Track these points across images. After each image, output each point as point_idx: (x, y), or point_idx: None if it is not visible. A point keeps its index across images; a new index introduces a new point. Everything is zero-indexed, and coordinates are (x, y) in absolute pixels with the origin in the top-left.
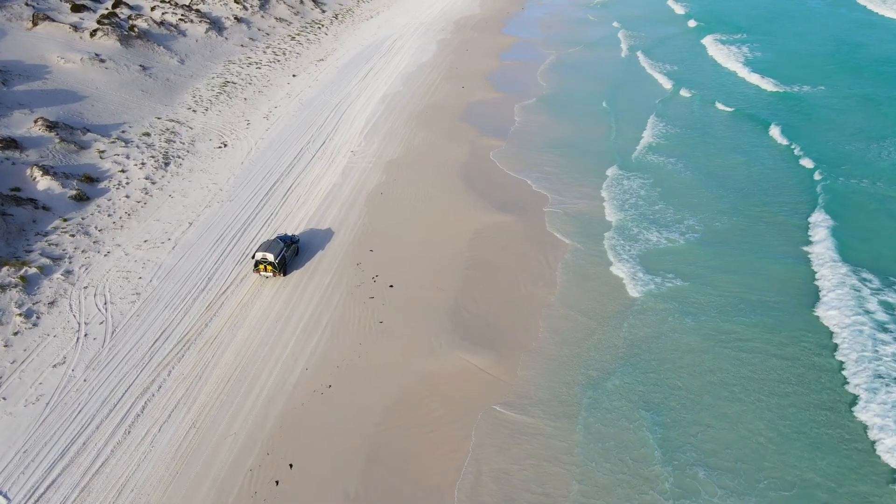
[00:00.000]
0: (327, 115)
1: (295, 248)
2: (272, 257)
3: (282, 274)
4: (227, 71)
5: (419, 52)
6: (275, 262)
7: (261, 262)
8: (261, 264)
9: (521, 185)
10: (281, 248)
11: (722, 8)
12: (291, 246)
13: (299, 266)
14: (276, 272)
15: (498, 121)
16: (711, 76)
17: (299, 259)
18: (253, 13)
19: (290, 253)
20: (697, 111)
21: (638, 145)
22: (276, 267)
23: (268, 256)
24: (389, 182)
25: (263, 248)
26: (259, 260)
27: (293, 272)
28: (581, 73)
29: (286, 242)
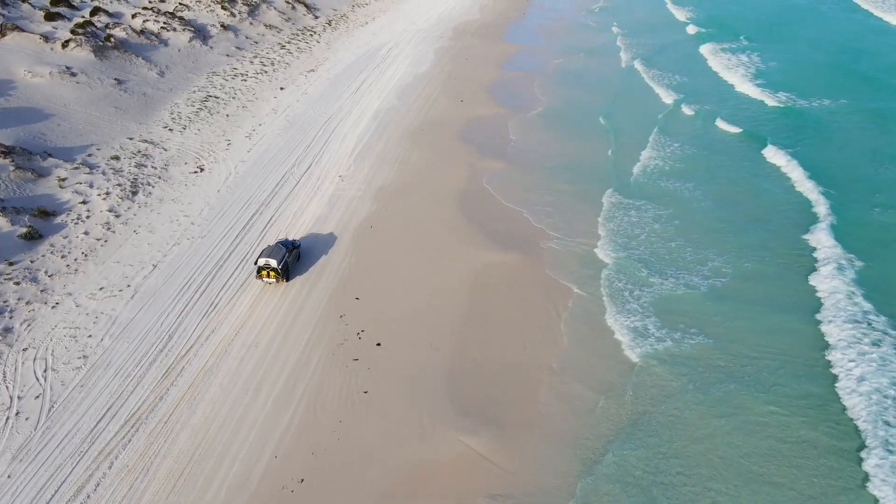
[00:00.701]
0: (315, 133)
1: (297, 254)
2: (275, 263)
3: (285, 280)
4: (209, 84)
5: (416, 61)
6: (278, 267)
7: (264, 269)
8: (263, 270)
9: (519, 218)
10: (283, 253)
11: (722, 13)
12: (293, 251)
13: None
14: (280, 278)
15: (498, 139)
16: (713, 89)
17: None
18: (241, 20)
19: (293, 258)
20: (699, 130)
21: (638, 169)
22: (279, 273)
23: (271, 262)
24: (380, 213)
25: (266, 253)
26: (262, 266)
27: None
28: (581, 86)
29: (288, 248)
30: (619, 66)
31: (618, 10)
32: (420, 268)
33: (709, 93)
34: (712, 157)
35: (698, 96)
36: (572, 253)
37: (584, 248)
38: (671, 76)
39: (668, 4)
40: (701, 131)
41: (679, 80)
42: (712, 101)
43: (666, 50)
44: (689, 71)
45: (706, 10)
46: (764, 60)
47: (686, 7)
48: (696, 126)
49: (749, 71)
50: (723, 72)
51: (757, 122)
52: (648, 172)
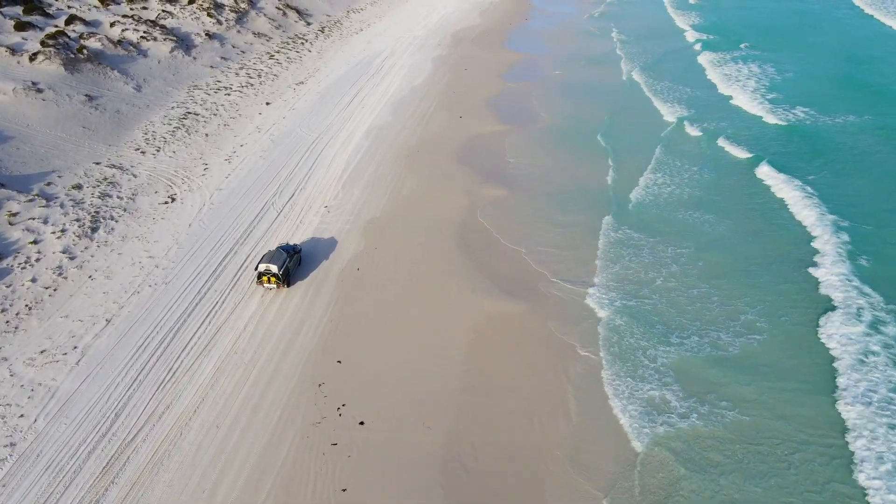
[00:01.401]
0: (301, 155)
1: (298, 259)
2: (276, 268)
3: (285, 285)
4: (190, 98)
5: (412, 71)
6: (279, 273)
7: (264, 274)
8: (264, 276)
9: (519, 259)
10: (284, 258)
11: (723, 18)
12: (294, 256)
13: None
14: (280, 284)
15: (498, 161)
16: (715, 105)
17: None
18: (228, 28)
19: (294, 263)
20: (703, 154)
21: (642, 198)
22: (279, 279)
23: (271, 268)
24: (369, 252)
25: (266, 259)
26: (262, 272)
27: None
28: (582, 100)
29: (289, 253)
30: (621, 78)
31: (619, 15)
32: (412, 321)
33: (711, 109)
34: (720, 184)
35: (700, 113)
36: (577, 302)
37: (589, 295)
38: (672, 90)
39: (667, 8)
40: (705, 155)
41: (680, 94)
42: (715, 119)
43: (666, 59)
44: (689, 83)
45: (707, 15)
46: (767, 71)
47: (687, 11)
48: (699, 148)
49: (752, 84)
50: (725, 85)
51: (763, 144)
52: (655, 202)
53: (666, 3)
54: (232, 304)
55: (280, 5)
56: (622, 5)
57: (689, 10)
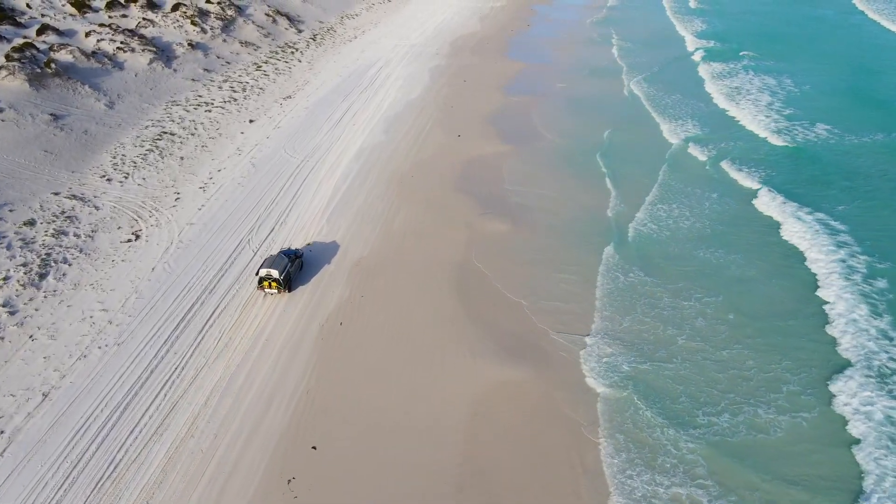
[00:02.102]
0: (284, 182)
1: (299, 263)
2: (277, 273)
3: (286, 290)
4: (167, 116)
5: (408, 83)
6: (280, 278)
7: (265, 279)
8: (265, 281)
9: (521, 311)
10: (285, 263)
11: (725, 25)
12: (296, 261)
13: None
14: (282, 289)
15: (500, 188)
16: (720, 123)
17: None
18: (213, 37)
19: (295, 268)
20: (708, 180)
21: (647, 235)
22: (280, 284)
23: (272, 273)
24: (354, 301)
25: (267, 263)
26: (263, 277)
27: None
28: (585, 117)
29: (290, 257)
30: (622, 93)
31: (620, 20)
32: (402, 395)
33: (715, 128)
34: (730, 217)
35: (704, 133)
36: (586, 366)
37: (599, 358)
38: (674, 106)
39: (667, 12)
40: (711, 182)
41: (682, 111)
42: (719, 140)
43: (668, 70)
44: (692, 98)
45: (708, 21)
46: (772, 84)
47: (687, 16)
48: (704, 174)
49: (757, 99)
50: (728, 100)
51: (770, 170)
52: (664, 239)
53: (666, 8)
54: (194, 369)
55: (270, 12)
56: (623, 9)
57: (689, 14)
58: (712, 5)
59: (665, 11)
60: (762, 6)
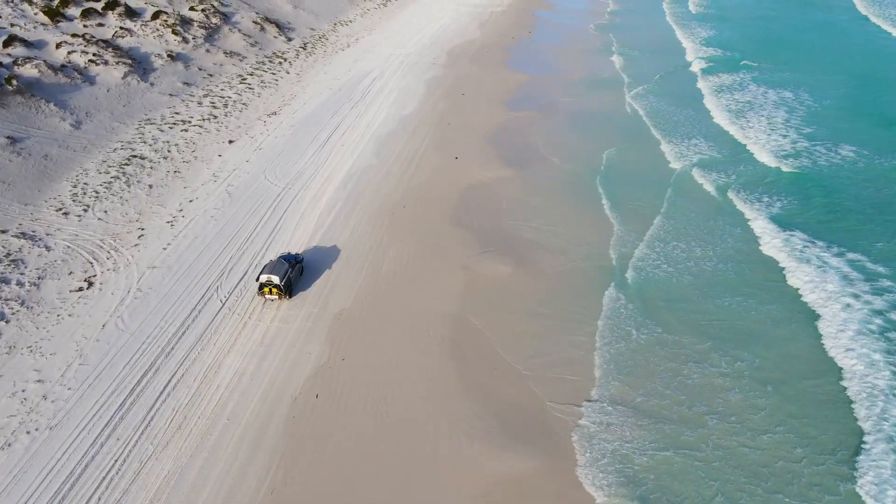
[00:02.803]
0: (263, 214)
1: (300, 268)
2: (277, 279)
3: (287, 296)
4: (139, 137)
5: (402, 97)
6: (280, 283)
7: (266, 285)
8: (266, 287)
9: (524, 380)
10: (286, 269)
11: (728, 33)
12: (296, 266)
13: None
14: (282, 295)
15: (500, 221)
16: (724, 145)
17: None
18: (196, 47)
19: (295, 273)
20: (714, 213)
21: (659, 280)
22: (281, 289)
23: (273, 279)
24: (333, 366)
25: (268, 269)
26: (264, 283)
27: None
28: (588, 137)
29: (290, 262)
30: (625, 110)
31: (622, 26)
32: (388, 491)
33: (719, 150)
34: (742, 259)
35: (707, 156)
36: (605, 451)
37: (619, 443)
38: (677, 126)
39: (668, 18)
40: (717, 215)
41: (685, 131)
42: (723, 165)
43: (670, 83)
44: (694, 115)
45: (710, 27)
46: (778, 100)
47: (688, 23)
48: (710, 206)
49: (762, 118)
50: (732, 120)
51: (778, 202)
52: (677, 285)
53: (666, 12)
54: (139, 460)
55: (258, 19)
56: (625, 14)
57: (690, 19)
58: (712, 9)
59: (665, 15)
60: (763, 10)
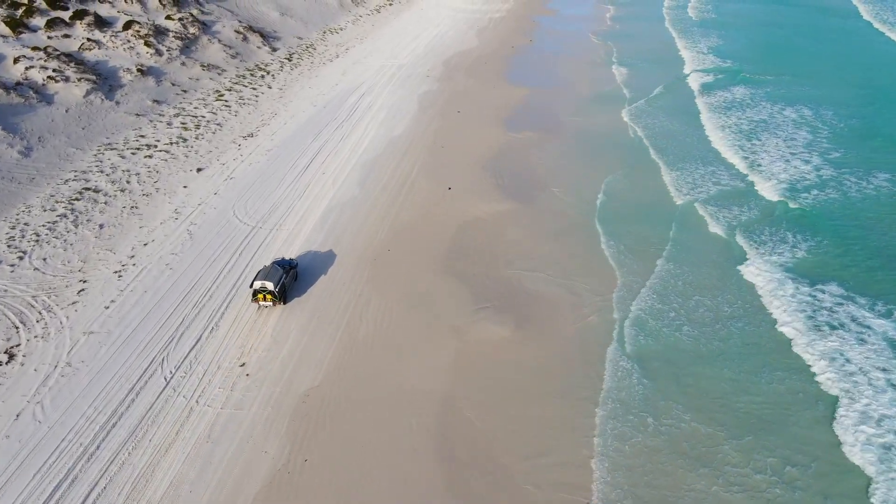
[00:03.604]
0: (226, 262)
1: (294, 274)
2: (272, 285)
3: (282, 302)
4: (96, 165)
5: (392, 115)
6: (274, 290)
7: (260, 291)
8: (259, 293)
9: (519, 491)
10: (280, 274)
11: (732, 43)
12: (290, 271)
13: None
14: (277, 301)
15: (500, 274)
16: (729, 179)
17: None
18: (170, 59)
19: (290, 279)
20: (720, 259)
21: (671, 348)
22: (275, 296)
23: (267, 285)
24: (293, 469)
25: (262, 275)
26: (258, 289)
27: None
28: (590, 163)
29: (285, 268)
30: (626, 132)
31: (624, 35)
32: None
33: (723, 182)
34: (748, 321)
35: (712, 189)
36: None
37: None
38: (679, 151)
39: (666, 22)
40: (723, 261)
41: (687, 158)
42: (729, 199)
43: (672, 101)
44: (697, 139)
45: (710, 35)
46: (782, 120)
47: (689, 30)
48: (715, 252)
49: (768, 141)
50: (738, 143)
51: (787, 245)
52: (690, 356)
53: (665, 18)
54: None
55: (241, 28)
56: (626, 20)
57: (691, 27)
58: (712, 14)
59: (665, 21)
60: (761, 15)
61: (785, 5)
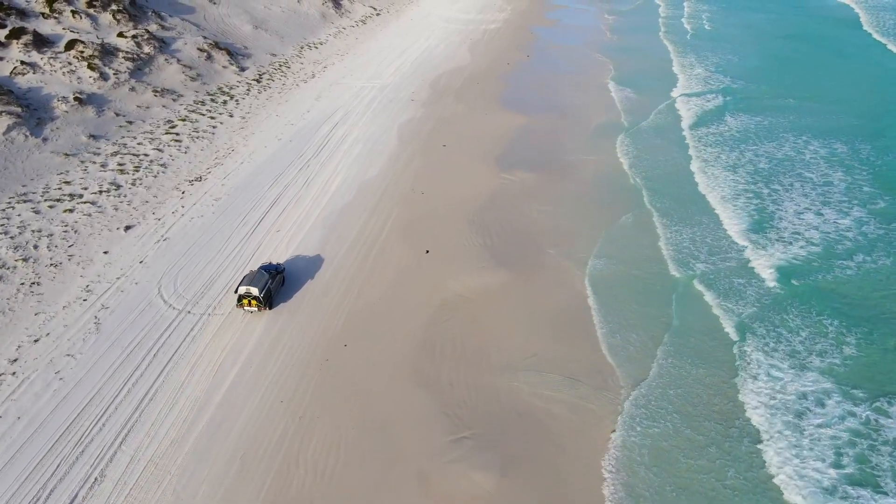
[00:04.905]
0: (135, 366)
1: (281, 279)
2: (257, 291)
3: (267, 308)
4: (1, 224)
5: (368, 151)
6: (259, 295)
7: (244, 297)
8: (244, 299)
9: None
10: (265, 280)
11: (734, 63)
12: (277, 276)
13: None
14: (262, 306)
15: (484, 375)
16: (730, 245)
17: None
18: (117, 84)
19: (276, 284)
20: (722, 355)
21: None
22: (261, 301)
23: (252, 290)
24: None
25: (247, 280)
26: (242, 294)
27: None
28: (588, 214)
29: (271, 273)
30: (627, 181)
31: (624, 50)
32: None
33: (725, 251)
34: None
35: (713, 265)
36: None
37: None
38: (677, 212)
39: (666, 45)
40: (725, 357)
41: (685, 221)
42: (731, 275)
43: (672, 140)
44: (691, 195)
45: (707, 58)
46: (791, 168)
47: (686, 49)
48: (715, 343)
49: (776, 192)
50: (744, 207)
51: (798, 349)
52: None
53: (663, 38)
54: None
55: (205, 45)
56: (627, 33)
57: (687, 41)
58: (707, 27)
59: (659, 32)
60: (759, 28)
61: (782, 14)
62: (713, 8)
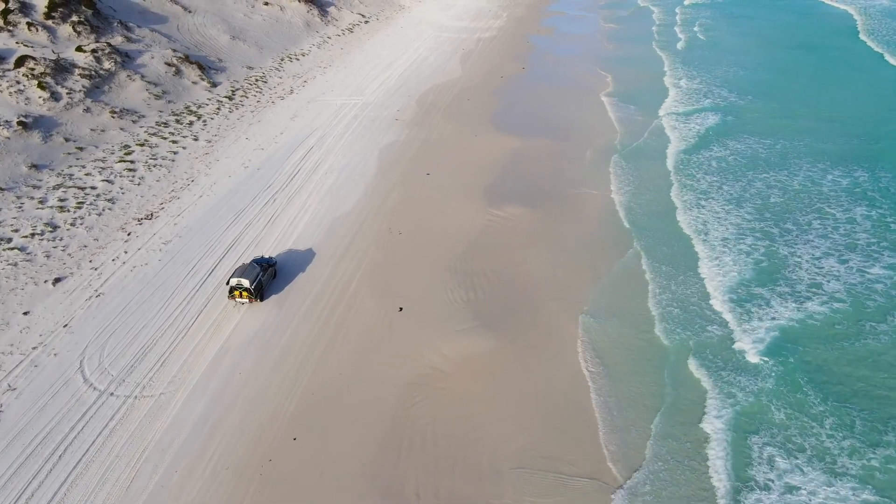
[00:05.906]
0: (42, 462)
1: (272, 272)
2: (248, 283)
3: (258, 300)
4: None
5: (343, 181)
6: (251, 287)
7: (236, 289)
8: (236, 290)
9: None
10: (257, 272)
11: (738, 76)
12: (268, 269)
13: None
14: (253, 298)
15: (455, 482)
16: (716, 330)
17: None
18: (69, 106)
19: (267, 277)
20: None
21: None
22: (252, 293)
23: (243, 282)
24: None
25: (238, 273)
26: (234, 286)
27: None
28: (581, 265)
29: (262, 266)
30: (618, 221)
31: (622, 61)
32: None
33: (719, 327)
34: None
35: (708, 336)
36: None
37: None
38: (671, 259)
39: (662, 59)
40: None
41: (678, 272)
42: (729, 348)
43: (665, 170)
44: (685, 252)
45: (703, 78)
46: (798, 200)
47: (676, 68)
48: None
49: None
50: (736, 260)
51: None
52: None
53: (660, 55)
54: None
55: (175, 59)
56: (625, 43)
57: (680, 53)
58: (701, 36)
59: (653, 43)
60: (760, 43)
61: (780, 20)
62: (712, 14)
